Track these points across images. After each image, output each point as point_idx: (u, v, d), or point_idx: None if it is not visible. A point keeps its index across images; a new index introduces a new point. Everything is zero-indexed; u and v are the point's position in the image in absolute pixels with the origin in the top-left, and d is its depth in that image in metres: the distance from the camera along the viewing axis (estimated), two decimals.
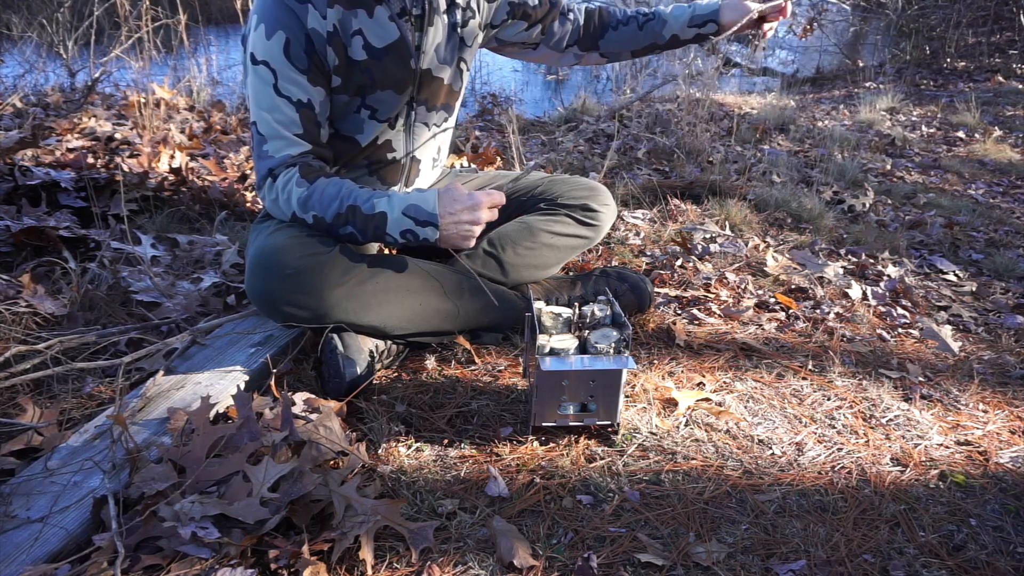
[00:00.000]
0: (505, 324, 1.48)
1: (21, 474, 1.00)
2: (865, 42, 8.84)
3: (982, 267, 2.31)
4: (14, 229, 1.60)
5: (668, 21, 1.58)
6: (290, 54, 1.21)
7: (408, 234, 1.23)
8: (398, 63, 1.31)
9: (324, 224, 1.24)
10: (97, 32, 3.28)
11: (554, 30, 1.57)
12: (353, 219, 1.22)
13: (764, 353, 1.53)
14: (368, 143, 1.39)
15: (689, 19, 1.56)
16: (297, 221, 1.27)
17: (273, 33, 1.20)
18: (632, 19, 1.60)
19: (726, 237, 2.21)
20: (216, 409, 1.15)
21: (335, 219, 1.23)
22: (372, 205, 1.22)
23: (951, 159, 3.77)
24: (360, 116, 1.34)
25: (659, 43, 1.60)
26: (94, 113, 2.69)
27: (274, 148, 1.24)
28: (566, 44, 1.60)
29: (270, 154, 1.25)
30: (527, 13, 1.52)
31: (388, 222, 1.22)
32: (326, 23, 1.22)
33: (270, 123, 1.24)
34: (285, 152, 1.25)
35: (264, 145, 1.25)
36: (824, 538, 1.02)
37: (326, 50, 1.24)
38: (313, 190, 1.22)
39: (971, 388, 1.46)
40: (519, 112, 4.28)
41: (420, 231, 1.22)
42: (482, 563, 0.94)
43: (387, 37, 1.28)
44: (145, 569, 0.86)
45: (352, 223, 1.23)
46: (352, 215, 1.22)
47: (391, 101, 1.34)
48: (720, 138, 3.60)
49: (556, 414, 1.18)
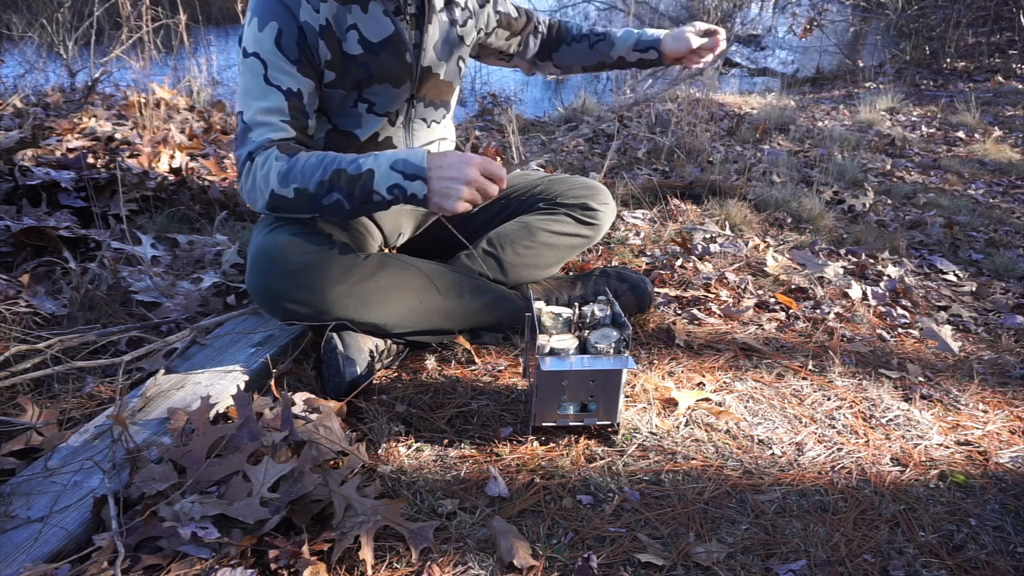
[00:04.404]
0: (505, 324, 1.48)
1: (21, 474, 1.00)
2: (865, 42, 8.84)
3: (982, 267, 2.31)
4: (14, 229, 1.60)
5: (616, 43, 1.66)
6: (281, 45, 1.21)
7: (396, 189, 1.16)
8: (394, 57, 1.32)
9: (306, 196, 1.18)
10: (97, 32, 3.28)
11: (529, 43, 1.66)
12: (339, 183, 1.17)
13: (764, 353, 1.53)
14: (368, 138, 1.39)
15: (634, 43, 1.64)
16: (276, 201, 1.20)
17: (265, 24, 1.20)
18: (585, 37, 1.68)
19: (726, 237, 2.21)
20: (216, 409, 1.15)
21: (318, 187, 1.17)
22: (358, 165, 1.17)
23: (951, 159, 3.77)
24: (357, 110, 1.35)
25: (607, 62, 1.68)
26: (94, 113, 2.69)
27: (257, 134, 1.22)
28: (533, 55, 1.69)
29: (252, 139, 1.22)
30: (510, 24, 1.59)
31: (376, 178, 1.16)
32: (319, 17, 1.23)
33: (256, 112, 1.22)
34: (266, 136, 1.22)
35: (248, 133, 1.22)
36: (824, 538, 1.02)
37: (318, 43, 1.24)
38: (295, 162, 1.18)
39: (971, 388, 1.46)
40: (519, 112, 4.28)
41: (408, 185, 1.16)
42: (482, 563, 0.94)
43: (382, 32, 1.30)
44: (145, 569, 0.86)
45: (337, 188, 1.17)
46: (337, 179, 1.17)
47: (388, 95, 1.35)
48: (720, 138, 3.59)
49: (556, 414, 1.18)
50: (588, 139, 3.43)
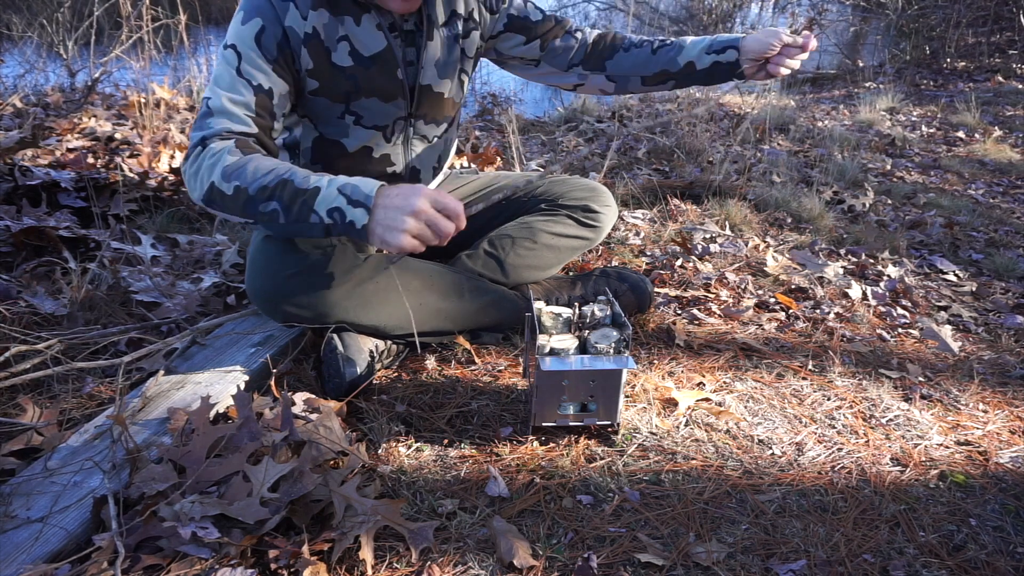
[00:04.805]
0: (505, 324, 1.48)
1: (21, 474, 1.00)
2: (865, 42, 8.83)
3: (982, 267, 2.31)
4: (14, 229, 1.60)
5: (685, 47, 1.45)
6: (261, 42, 1.18)
7: (335, 213, 1.05)
8: (384, 73, 1.29)
9: (243, 197, 1.08)
10: (97, 32, 3.28)
11: (555, 46, 1.48)
12: (281, 193, 1.07)
13: (764, 353, 1.53)
14: (356, 149, 1.36)
15: (708, 45, 1.43)
16: (213, 194, 1.11)
17: (250, 19, 1.18)
18: (647, 42, 1.48)
19: (726, 237, 2.21)
20: (216, 409, 1.15)
21: (258, 192, 1.08)
22: (308, 180, 1.08)
23: (951, 159, 3.77)
24: (344, 121, 1.32)
25: (671, 70, 1.46)
26: (94, 113, 2.69)
27: (216, 121, 1.16)
28: (569, 63, 1.50)
29: (210, 125, 1.15)
30: (526, 27, 1.45)
31: (318, 198, 1.06)
32: (305, 24, 1.20)
33: (222, 100, 1.17)
34: (226, 126, 1.15)
35: (208, 118, 1.16)
36: (824, 538, 1.02)
37: (300, 50, 1.21)
38: (247, 161, 1.10)
39: (971, 388, 1.46)
40: (519, 112, 4.28)
41: (349, 211, 1.04)
42: (482, 563, 0.94)
43: (373, 46, 1.26)
44: (145, 569, 0.86)
45: (277, 198, 1.07)
46: (281, 189, 1.07)
47: (377, 109, 1.32)
48: (720, 138, 3.60)
49: (556, 414, 1.18)
50: (588, 139, 3.43)
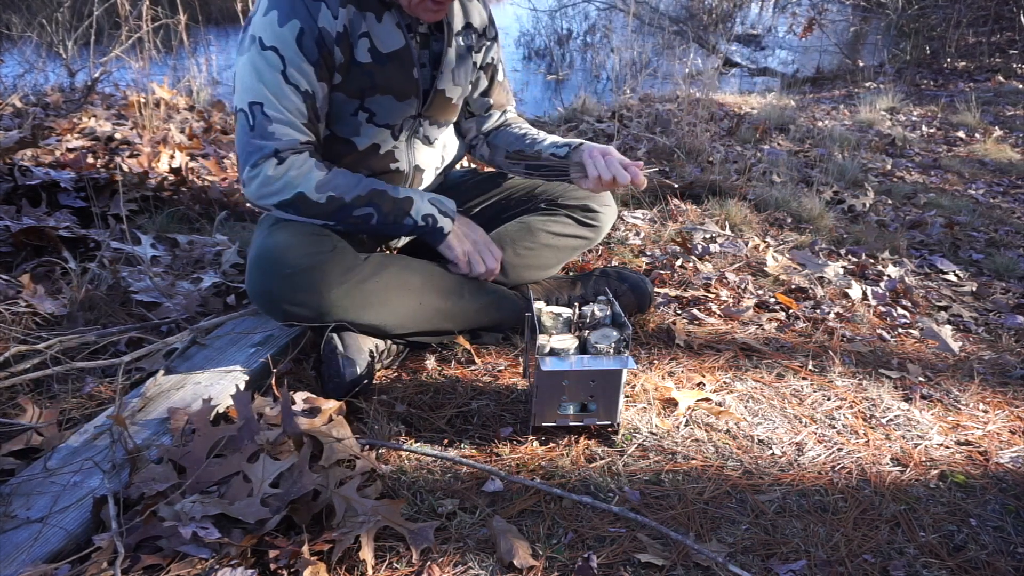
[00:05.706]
0: (505, 324, 1.48)
1: (21, 474, 1.00)
2: (865, 42, 8.84)
3: (982, 267, 2.31)
4: (14, 229, 1.60)
5: (546, 141, 1.49)
6: (302, 44, 1.21)
7: (429, 218, 1.35)
8: (400, 71, 1.32)
9: (335, 205, 1.27)
10: (97, 32, 3.28)
11: (491, 114, 1.58)
12: (379, 201, 1.30)
13: (764, 353, 1.53)
14: (366, 148, 1.38)
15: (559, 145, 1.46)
16: (295, 202, 1.25)
17: (287, 21, 1.20)
18: (527, 134, 1.54)
19: (726, 237, 2.21)
20: (216, 409, 1.15)
21: (355, 199, 1.28)
22: (398, 191, 1.33)
23: (951, 159, 3.77)
24: (357, 119, 1.34)
25: (526, 152, 1.50)
26: (94, 113, 2.69)
27: (281, 132, 1.24)
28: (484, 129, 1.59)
29: (277, 136, 1.23)
30: (492, 80, 1.54)
31: (414, 205, 1.33)
32: (337, 23, 1.23)
33: (278, 107, 1.23)
34: (293, 137, 1.24)
35: (270, 126, 1.23)
36: (824, 538, 1.02)
37: (334, 48, 1.24)
38: (334, 174, 1.28)
39: (971, 388, 1.46)
40: (519, 112, 4.28)
41: (440, 219, 1.36)
42: (482, 563, 0.94)
43: (392, 44, 1.29)
44: (145, 569, 0.86)
45: (375, 205, 1.30)
46: (378, 198, 1.30)
47: (390, 106, 1.34)
48: (720, 138, 3.59)
49: (556, 414, 1.18)
50: (588, 139, 3.42)
